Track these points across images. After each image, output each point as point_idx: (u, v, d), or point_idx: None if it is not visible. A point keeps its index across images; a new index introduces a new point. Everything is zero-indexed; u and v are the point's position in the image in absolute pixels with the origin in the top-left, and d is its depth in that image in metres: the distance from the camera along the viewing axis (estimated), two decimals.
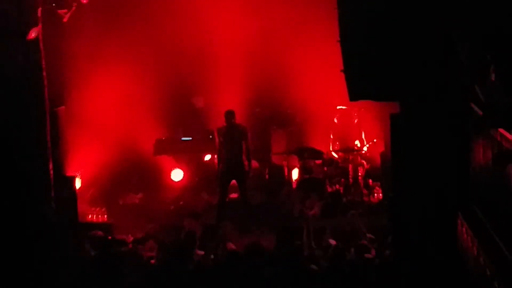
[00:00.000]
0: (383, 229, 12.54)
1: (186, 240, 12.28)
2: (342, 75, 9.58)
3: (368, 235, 12.50)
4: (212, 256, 11.86)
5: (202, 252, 12.10)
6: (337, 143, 17.34)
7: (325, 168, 16.72)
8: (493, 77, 7.15)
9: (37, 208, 12.06)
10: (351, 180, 16.26)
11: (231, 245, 11.98)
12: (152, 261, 11.72)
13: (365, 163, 16.68)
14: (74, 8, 14.01)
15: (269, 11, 17.14)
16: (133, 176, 17.60)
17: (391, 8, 9.33)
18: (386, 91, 9.79)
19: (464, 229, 9.21)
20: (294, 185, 16.72)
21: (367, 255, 11.23)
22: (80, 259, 11.53)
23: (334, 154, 17.22)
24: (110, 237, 12.74)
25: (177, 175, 17.32)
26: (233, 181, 15.36)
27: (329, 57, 11.40)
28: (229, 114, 15.16)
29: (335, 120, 17.48)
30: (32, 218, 11.91)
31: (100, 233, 12.57)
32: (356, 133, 17.27)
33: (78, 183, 15.74)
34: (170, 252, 11.64)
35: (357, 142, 17.20)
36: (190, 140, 17.56)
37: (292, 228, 13.50)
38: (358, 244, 11.65)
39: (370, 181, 16.41)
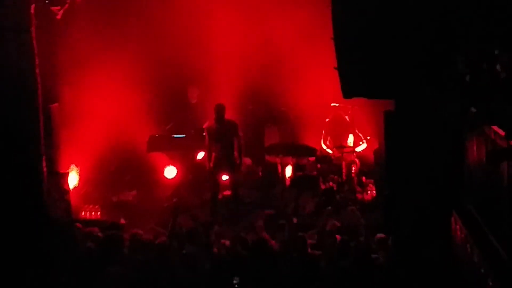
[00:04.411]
0: (377, 226, 12.56)
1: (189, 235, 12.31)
2: (336, 73, 9.59)
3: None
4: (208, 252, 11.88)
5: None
6: (331, 140, 17.32)
7: (319, 165, 16.73)
8: (487, 74, 7.16)
9: (30, 204, 12.02)
10: (344, 177, 16.26)
11: (226, 242, 11.99)
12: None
13: (358, 160, 16.67)
14: (67, 5, 14.02)
15: (264, 9, 17.12)
16: (126, 173, 17.58)
17: (385, 5, 9.33)
18: (379, 89, 9.79)
19: (458, 226, 9.22)
20: (287, 183, 16.71)
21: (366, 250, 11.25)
22: (77, 255, 11.52)
23: (328, 151, 17.21)
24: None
25: (170, 172, 17.29)
26: (226, 179, 15.36)
27: (323, 54, 11.40)
28: (220, 108, 15.10)
29: (327, 119, 17.44)
30: (25, 214, 11.88)
31: (96, 229, 12.58)
32: (350, 130, 17.26)
33: (74, 180, 15.76)
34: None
35: (350, 140, 17.19)
36: (183, 137, 17.53)
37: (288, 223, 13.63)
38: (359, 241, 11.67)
39: (364, 178, 16.42)
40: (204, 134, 15.56)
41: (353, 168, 16.40)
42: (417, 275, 9.82)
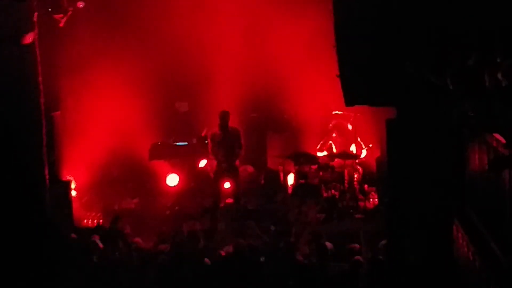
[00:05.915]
0: (378, 234, 12.56)
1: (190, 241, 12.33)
2: (338, 80, 9.61)
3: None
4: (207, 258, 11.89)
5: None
6: (333, 148, 17.31)
7: (321, 173, 16.70)
8: (487, 82, 7.18)
9: (32, 212, 12.04)
10: (346, 185, 16.24)
11: (228, 248, 12.01)
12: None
13: (360, 168, 16.65)
14: (70, 13, 14.02)
15: (266, 16, 17.12)
16: (128, 181, 17.59)
17: (387, 14, 9.36)
18: (382, 96, 9.82)
19: (459, 234, 9.22)
20: (289, 190, 16.70)
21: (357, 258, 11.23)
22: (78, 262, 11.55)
23: (320, 154, 17.19)
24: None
25: (172, 180, 17.29)
26: (228, 186, 15.36)
27: (325, 62, 11.42)
28: (225, 115, 15.12)
29: (330, 125, 17.43)
30: (27, 223, 11.90)
31: (97, 237, 12.61)
32: (352, 138, 17.25)
33: (76, 188, 15.78)
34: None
35: (352, 148, 17.18)
36: (185, 145, 17.54)
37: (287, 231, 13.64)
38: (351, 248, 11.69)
39: (366, 186, 16.39)
40: (206, 141, 15.56)
41: (355, 176, 16.38)
42: (419, 281, 9.82)
